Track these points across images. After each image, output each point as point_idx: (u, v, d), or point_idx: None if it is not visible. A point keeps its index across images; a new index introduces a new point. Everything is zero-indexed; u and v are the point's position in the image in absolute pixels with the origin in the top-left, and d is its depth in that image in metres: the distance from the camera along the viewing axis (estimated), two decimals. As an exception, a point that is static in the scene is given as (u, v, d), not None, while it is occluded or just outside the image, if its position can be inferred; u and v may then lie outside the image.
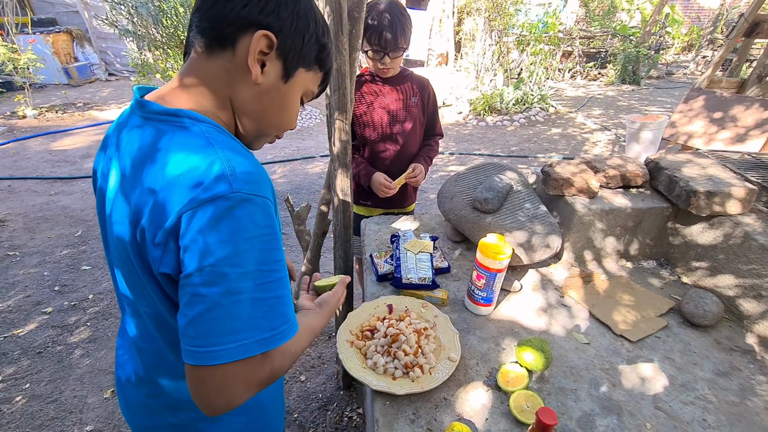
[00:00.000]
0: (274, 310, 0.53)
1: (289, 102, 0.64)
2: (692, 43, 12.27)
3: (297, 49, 0.60)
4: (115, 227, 0.58)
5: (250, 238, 0.50)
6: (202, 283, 0.48)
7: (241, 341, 0.49)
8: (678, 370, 0.99)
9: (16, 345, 2.06)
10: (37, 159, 4.39)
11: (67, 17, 7.85)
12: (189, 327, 0.49)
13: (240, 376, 0.51)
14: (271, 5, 0.56)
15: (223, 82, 0.58)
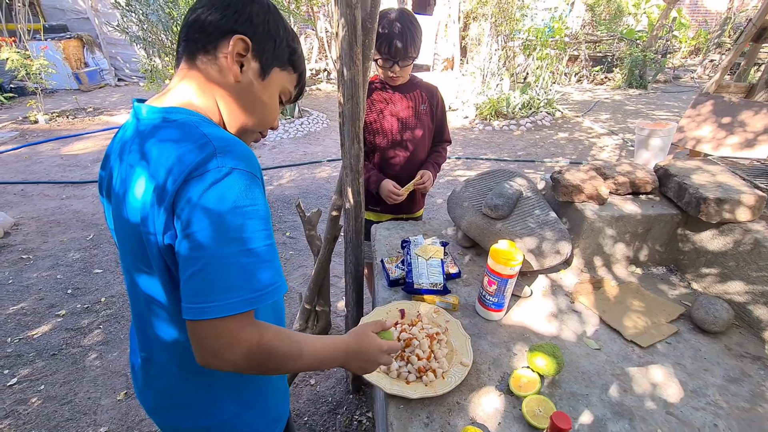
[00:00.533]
0: (259, 272, 0.58)
1: (268, 98, 0.72)
2: (699, 47, 12.22)
3: (270, 50, 0.69)
4: (130, 214, 0.65)
5: (237, 207, 0.57)
6: (191, 247, 0.55)
7: (228, 299, 0.55)
8: (689, 376, 0.99)
9: (31, 347, 2.10)
10: (48, 163, 4.46)
11: (78, 23, 7.99)
12: (185, 286, 0.56)
13: (227, 331, 0.57)
14: (243, 16, 0.65)
15: (209, 83, 0.67)
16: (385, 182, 1.62)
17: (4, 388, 1.88)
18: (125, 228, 0.67)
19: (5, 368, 1.98)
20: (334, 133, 5.80)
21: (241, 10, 0.65)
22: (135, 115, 0.67)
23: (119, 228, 0.70)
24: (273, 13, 0.69)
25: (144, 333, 0.76)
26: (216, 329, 0.56)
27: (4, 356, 2.05)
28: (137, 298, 0.74)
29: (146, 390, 0.80)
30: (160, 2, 4.76)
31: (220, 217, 0.55)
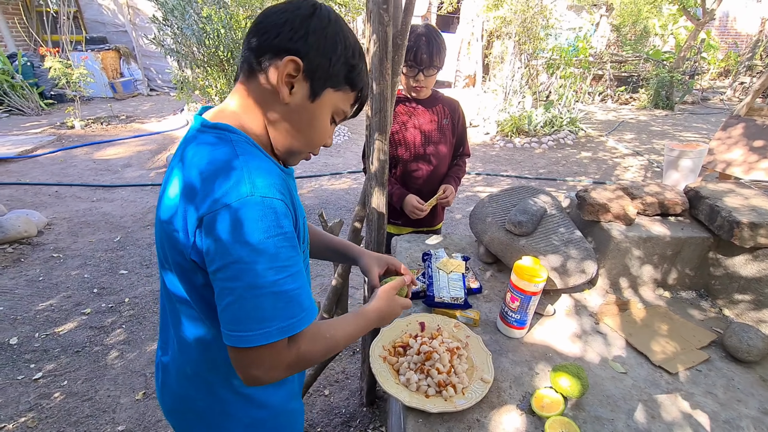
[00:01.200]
0: (292, 300, 0.60)
1: (318, 120, 0.70)
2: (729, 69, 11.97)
3: (323, 70, 0.66)
4: (160, 211, 0.69)
5: (266, 237, 0.57)
6: (226, 278, 0.57)
7: (264, 329, 0.58)
8: (721, 406, 0.95)
9: (57, 343, 2.17)
10: (82, 167, 4.66)
11: (117, 36, 8.41)
12: (223, 314, 0.59)
13: (266, 358, 0.60)
14: (299, 32, 0.63)
15: (259, 103, 0.67)
16: (409, 197, 1.63)
17: (30, 381, 1.94)
18: (158, 225, 0.69)
19: (32, 362, 2.05)
20: (354, 146, 5.88)
21: (297, 27, 0.63)
22: (195, 126, 0.69)
23: (156, 225, 0.73)
24: (332, 27, 0.65)
25: (166, 332, 0.79)
26: (256, 356, 0.59)
27: (32, 350, 2.12)
28: (164, 295, 0.77)
29: (164, 390, 0.82)
30: (194, 17, 4.98)
31: (253, 249, 0.56)
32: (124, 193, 4.07)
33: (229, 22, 5.04)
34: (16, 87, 6.51)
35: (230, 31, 5.11)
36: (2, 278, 2.68)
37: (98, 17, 8.40)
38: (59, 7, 6.37)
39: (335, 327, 0.71)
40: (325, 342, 0.68)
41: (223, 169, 0.59)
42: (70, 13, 6.54)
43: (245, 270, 0.56)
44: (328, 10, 0.66)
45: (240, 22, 5.22)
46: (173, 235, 0.63)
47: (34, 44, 7.58)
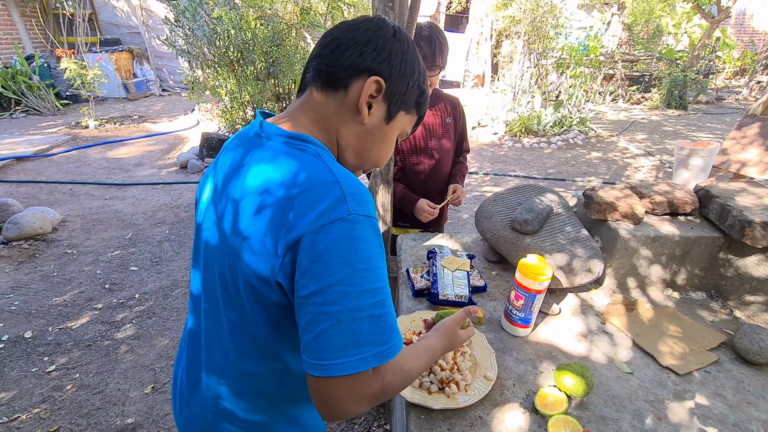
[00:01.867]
0: (388, 324, 0.56)
1: (387, 141, 0.70)
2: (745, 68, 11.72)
3: (401, 93, 0.66)
4: (210, 230, 0.65)
5: (366, 258, 0.54)
6: (324, 302, 0.52)
7: (361, 354, 0.53)
8: (730, 408, 0.93)
9: (69, 337, 2.21)
10: (95, 166, 4.75)
11: (130, 37, 8.56)
12: (315, 342, 0.53)
13: (355, 388, 0.55)
14: (383, 55, 0.62)
15: (333, 119, 0.65)
16: (420, 202, 1.64)
17: (43, 374, 1.99)
18: (221, 242, 0.63)
19: (45, 355, 2.09)
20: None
21: (381, 48, 0.62)
22: (258, 132, 0.65)
23: (209, 233, 0.67)
24: (411, 52, 0.65)
25: (208, 355, 0.72)
26: (345, 386, 0.54)
27: (45, 344, 2.17)
28: (216, 317, 0.69)
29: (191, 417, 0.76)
30: (205, 18, 5.04)
31: (356, 270, 0.53)
32: (136, 191, 4.13)
33: (239, 22, 5.09)
34: (33, 88, 6.67)
35: (240, 31, 5.16)
36: (18, 273, 2.74)
37: (112, 19, 8.56)
38: (75, 9, 6.50)
39: (411, 359, 0.66)
40: (404, 375, 0.63)
41: (320, 185, 0.55)
42: (85, 16, 6.67)
43: (346, 293, 0.52)
44: (406, 34, 0.66)
45: (250, 23, 5.28)
46: (246, 255, 0.58)
47: (51, 46, 7.75)
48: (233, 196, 0.62)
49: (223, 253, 0.63)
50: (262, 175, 0.59)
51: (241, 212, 0.60)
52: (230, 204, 0.62)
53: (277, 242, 0.55)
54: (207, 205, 0.69)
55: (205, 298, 0.71)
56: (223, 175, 0.66)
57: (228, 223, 0.62)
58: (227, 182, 0.65)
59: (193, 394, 0.74)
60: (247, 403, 0.70)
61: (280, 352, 0.66)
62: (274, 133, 0.62)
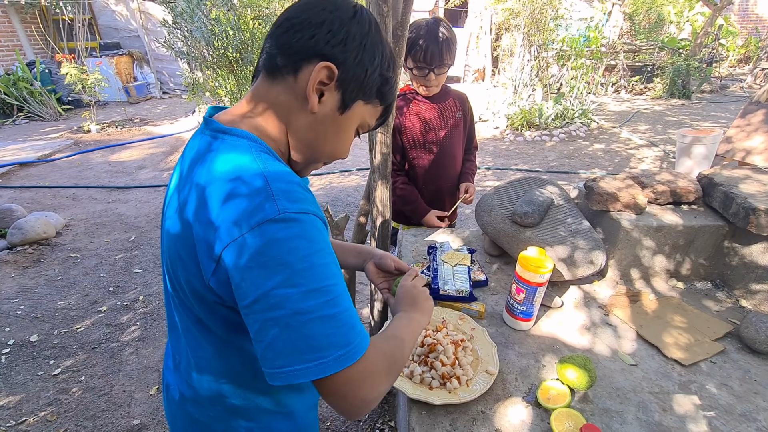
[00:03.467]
0: (345, 324, 0.52)
1: (343, 132, 0.65)
2: (750, 55, 11.57)
3: (358, 81, 0.60)
4: (167, 222, 0.62)
5: (306, 256, 0.50)
6: (268, 307, 0.49)
7: (319, 359, 0.49)
8: (737, 399, 0.92)
9: (75, 340, 2.23)
10: (98, 170, 4.77)
11: (130, 41, 8.58)
12: (267, 351, 0.50)
13: (358, 375, 0.52)
14: (338, 37, 0.57)
15: (282, 107, 0.60)
16: (429, 216, 1.66)
17: (49, 377, 2.00)
18: (169, 240, 0.61)
19: (51, 359, 2.11)
20: (362, 143, 5.87)
21: (336, 31, 0.57)
22: (202, 130, 0.62)
23: (165, 238, 0.64)
24: (372, 35, 0.60)
25: (178, 351, 0.72)
26: (347, 380, 0.52)
27: (51, 347, 2.18)
28: (174, 315, 0.69)
29: (176, 415, 0.75)
30: (203, 20, 5.04)
31: (293, 270, 0.49)
32: (138, 194, 4.15)
33: (237, 23, 5.09)
34: (35, 93, 6.71)
35: (238, 32, 5.16)
36: (23, 278, 2.76)
37: (112, 23, 8.58)
38: (75, 14, 6.53)
39: (390, 329, 0.66)
40: (396, 344, 0.62)
41: (247, 185, 0.51)
42: (85, 21, 6.69)
43: (288, 296, 0.49)
44: (368, 15, 0.61)
45: (248, 23, 5.27)
46: (189, 255, 0.55)
47: (51, 51, 7.78)
48: (179, 201, 0.59)
49: (173, 258, 0.60)
50: (200, 178, 0.55)
51: (183, 217, 0.57)
52: (176, 208, 0.59)
53: (212, 249, 0.51)
54: (171, 195, 0.66)
55: (171, 306, 0.69)
56: (179, 179, 0.63)
57: (171, 228, 0.60)
58: (177, 185, 0.63)
59: (178, 391, 0.73)
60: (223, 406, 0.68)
61: (242, 343, 0.63)
62: (214, 130, 0.59)
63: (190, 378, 0.69)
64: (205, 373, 0.66)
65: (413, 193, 1.65)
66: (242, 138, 0.57)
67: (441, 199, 1.74)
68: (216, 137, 0.58)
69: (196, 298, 0.58)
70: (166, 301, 0.72)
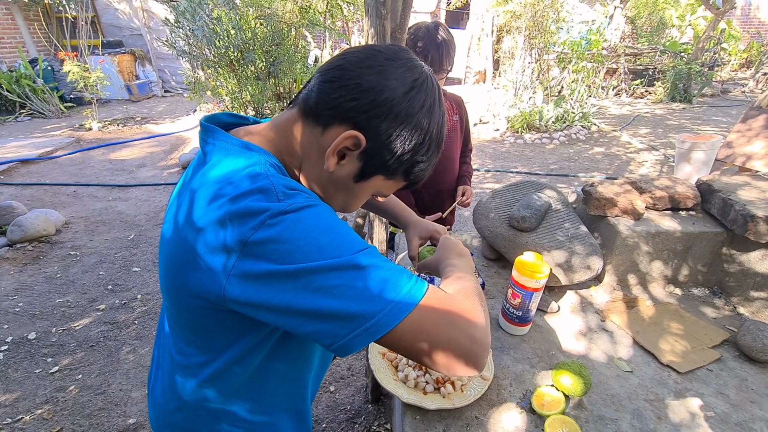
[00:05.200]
0: (393, 267, 0.50)
1: (354, 197, 0.63)
2: (752, 60, 11.56)
3: (383, 160, 0.57)
4: (165, 227, 0.62)
5: (326, 229, 0.49)
6: (301, 287, 0.47)
7: (391, 302, 0.48)
8: (733, 407, 0.92)
9: (73, 338, 2.23)
10: (98, 167, 4.77)
11: (132, 39, 8.59)
12: (321, 323, 0.47)
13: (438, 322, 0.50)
14: (378, 110, 0.53)
15: (302, 149, 0.58)
16: None
17: (47, 375, 2.00)
18: (170, 247, 0.59)
19: (49, 356, 2.11)
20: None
21: (380, 102, 0.53)
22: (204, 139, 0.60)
23: (162, 241, 0.63)
24: (418, 117, 0.55)
25: (163, 359, 0.71)
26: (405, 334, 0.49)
27: (49, 345, 2.18)
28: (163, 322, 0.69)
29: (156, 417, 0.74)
30: (205, 19, 5.05)
31: (317, 244, 0.47)
32: (138, 192, 4.15)
33: (238, 22, 5.10)
34: (37, 91, 6.71)
35: (240, 31, 5.16)
36: (22, 275, 2.77)
37: (114, 21, 8.59)
38: (78, 12, 6.53)
39: (450, 276, 0.65)
40: (461, 282, 0.60)
41: (252, 182, 0.50)
42: (88, 18, 6.70)
43: (320, 266, 0.47)
44: (428, 90, 0.56)
45: (249, 23, 5.28)
46: (187, 258, 0.53)
47: (54, 49, 7.80)
48: (186, 193, 0.57)
49: (173, 265, 0.58)
50: (200, 179, 0.54)
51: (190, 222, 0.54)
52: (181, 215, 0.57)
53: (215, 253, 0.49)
54: (173, 200, 0.65)
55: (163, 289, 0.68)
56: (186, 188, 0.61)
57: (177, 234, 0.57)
58: (181, 194, 0.61)
59: (163, 396, 0.72)
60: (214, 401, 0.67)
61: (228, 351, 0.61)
62: (226, 141, 0.57)
63: (174, 382, 0.68)
64: (189, 377, 0.65)
65: (408, 202, 1.65)
66: (251, 150, 0.56)
67: (441, 201, 1.74)
68: (225, 147, 0.57)
69: (191, 301, 0.57)
70: (163, 304, 0.72)
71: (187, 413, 0.68)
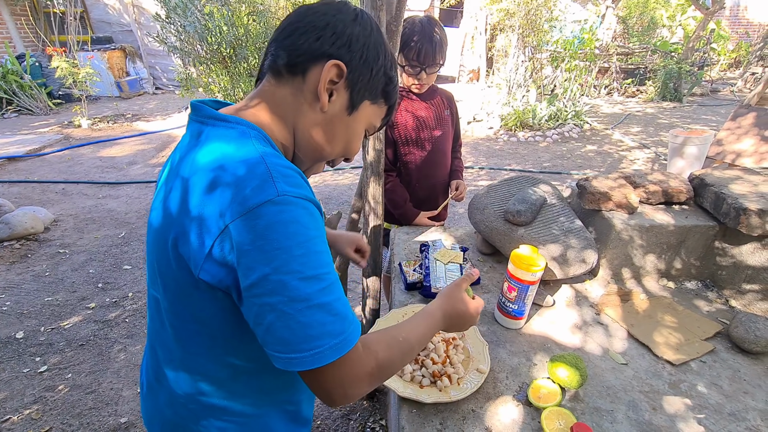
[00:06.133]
0: (339, 313, 0.52)
1: (352, 133, 0.66)
2: (740, 60, 11.72)
3: (364, 81, 0.62)
4: (152, 213, 0.61)
5: (303, 242, 0.50)
6: (265, 292, 0.49)
7: (315, 349, 0.50)
8: (726, 398, 0.92)
9: (62, 336, 2.19)
10: (88, 165, 4.70)
11: (122, 35, 8.46)
12: (267, 335, 0.50)
13: (345, 373, 0.53)
14: (342, 39, 0.58)
15: (289, 107, 0.61)
16: (420, 218, 1.68)
17: (35, 374, 1.96)
18: (155, 235, 0.60)
19: (37, 356, 2.07)
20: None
21: (340, 32, 0.58)
22: (191, 118, 0.61)
23: (150, 235, 0.63)
24: (375, 36, 0.61)
25: (155, 353, 0.69)
26: (333, 374, 0.52)
27: (38, 344, 2.14)
28: (156, 316, 0.66)
29: (154, 416, 0.72)
30: (197, 15, 4.99)
31: (290, 255, 0.49)
32: (129, 189, 4.10)
33: (231, 18, 5.05)
34: (25, 87, 6.59)
35: (232, 27, 5.11)
36: (9, 274, 2.71)
37: (104, 17, 8.46)
38: (66, 7, 6.42)
39: (406, 329, 0.65)
40: (401, 345, 0.61)
41: (246, 168, 0.51)
42: (76, 14, 6.58)
43: (285, 282, 0.49)
44: (369, 17, 0.63)
45: (242, 19, 5.23)
46: (177, 248, 0.54)
47: (42, 44, 7.66)
48: (169, 194, 0.58)
49: (159, 254, 0.59)
50: (194, 166, 0.55)
51: (173, 208, 0.56)
52: (167, 200, 0.58)
53: (204, 236, 0.51)
54: (160, 186, 0.64)
55: (153, 307, 0.66)
56: (170, 173, 0.62)
57: (162, 221, 0.58)
58: (167, 180, 0.61)
59: (153, 391, 0.70)
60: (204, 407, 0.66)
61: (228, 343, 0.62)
62: (210, 117, 0.58)
63: (164, 376, 0.67)
64: (181, 371, 0.64)
65: (402, 196, 1.65)
66: (240, 125, 0.57)
67: (435, 195, 1.74)
68: (207, 123, 0.58)
69: (180, 290, 0.57)
70: (149, 297, 0.70)
71: (177, 408, 0.67)
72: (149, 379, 0.73)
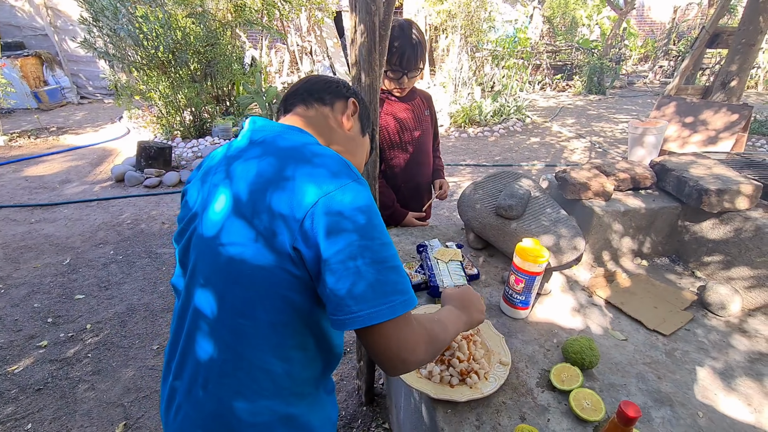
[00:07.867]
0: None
1: (363, 150, 0.90)
2: (648, 55, 13.08)
3: (365, 118, 0.89)
4: (229, 249, 0.63)
5: (377, 215, 0.62)
6: (349, 257, 0.57)
7: (390, 303, 0.58)
8: (714, 360, 1.04)
9: (12, 383, 1.93)
10: (12, 186, 4.18)
11: (36, 41, 7.61)
12: (347, 298, 0.57)
13: (408, 336, 0.61)
14: (352, 90, 0.86)
15: (324, 126, 0.80)
16: (408, 218, 1.71)
17: (-15, 431, 1.72)
18: (205, 243, 0.67)
19: (-17, 409, 1.81)
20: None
21: (349, 87, 0.86)
22: (252, 129, 0.73)
23: (198, 243, 0.69)
24: (361, 93, 0.92)
25: (194, 357, 0.69)
26: (392, 335, 0.59)
27: (-19, 396, 1.87)
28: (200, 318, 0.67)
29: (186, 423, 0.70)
30: (128, 17, 4.62)
31: (371, 224, 0.60)
32: (67, 211, 3.70)
33: (167, 21, 4.73)
34: None
35: (170, 30, 4.80)
36: (-70, 320, 2.34)
37: (11, 20, 7.54)
38: (-38, 9, 5.64)
39: (436, 314, 0.77)
40: (439, 324, 0.71)
41: (327, 155, 0.65)
42: (-25, 16, 5.81)
43: (368, 247, 0.58)
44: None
45: (180, 22, 4.92)
46: (272, 229, 0.60)
47: (-67, 52, 6.66)
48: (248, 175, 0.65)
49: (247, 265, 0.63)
50: (262, 156, 0.66)
51: (249, 229, 0.63)
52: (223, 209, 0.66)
53: (294, 209, 0.59)
54: (225, 218, 0.66)
55: (210, 312, 0.67)
56: (247, 187, 0.65)
57: (253, 239, 0.62)
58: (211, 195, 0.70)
59: (191, 402, 0.68)
60: (253, 402, 0.66)
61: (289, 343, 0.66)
62: (272, 127, 0.73)
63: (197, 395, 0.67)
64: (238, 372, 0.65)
65: (390, 197, 1.66)
66: (302, 134, 0.72)
67: (419, 195, 1.76)
68: (275, 129, 0.72)
69: (264, 278, 0.61)
70: (189, 311, 0.69)
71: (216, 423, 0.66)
72: (181, 397, 0.70)
